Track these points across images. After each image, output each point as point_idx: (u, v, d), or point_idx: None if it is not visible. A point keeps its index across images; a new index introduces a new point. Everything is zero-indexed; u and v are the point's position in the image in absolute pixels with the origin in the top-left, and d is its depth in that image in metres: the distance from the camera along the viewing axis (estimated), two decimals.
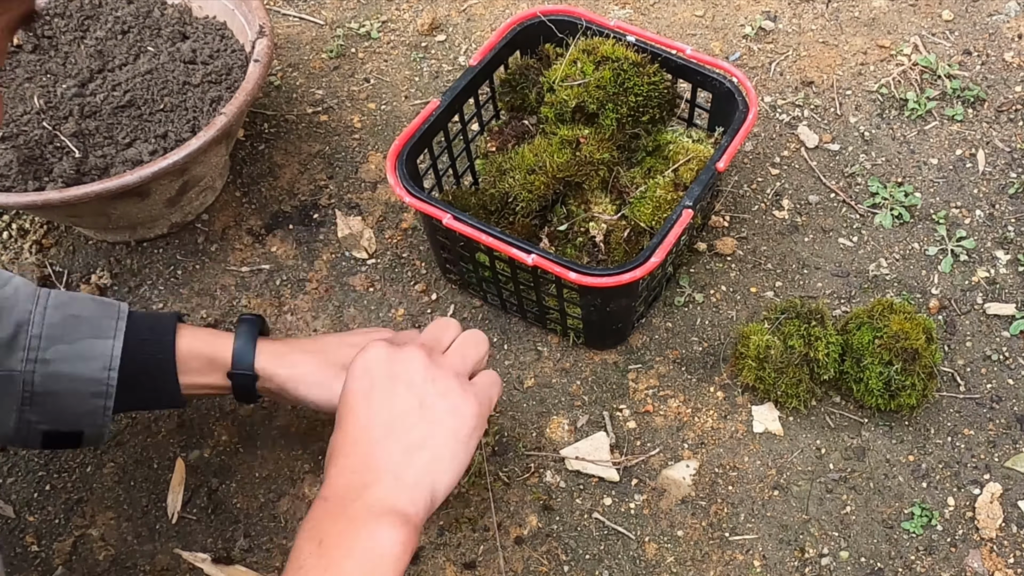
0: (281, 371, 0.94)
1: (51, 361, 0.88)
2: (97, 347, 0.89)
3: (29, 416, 0.89)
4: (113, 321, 0.91)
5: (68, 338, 0.89)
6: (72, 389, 0.89)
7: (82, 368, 0.89)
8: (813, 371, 1.07)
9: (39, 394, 0.89)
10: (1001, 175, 1.30)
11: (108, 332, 0.90)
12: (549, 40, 1.20)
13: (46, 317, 0.89)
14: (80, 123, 1.20)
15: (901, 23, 1.48)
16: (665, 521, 1.03)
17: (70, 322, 0.89)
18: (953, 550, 1.01)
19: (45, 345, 0.88)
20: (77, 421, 0.91)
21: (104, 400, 0.90)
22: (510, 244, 1.00)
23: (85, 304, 0.92)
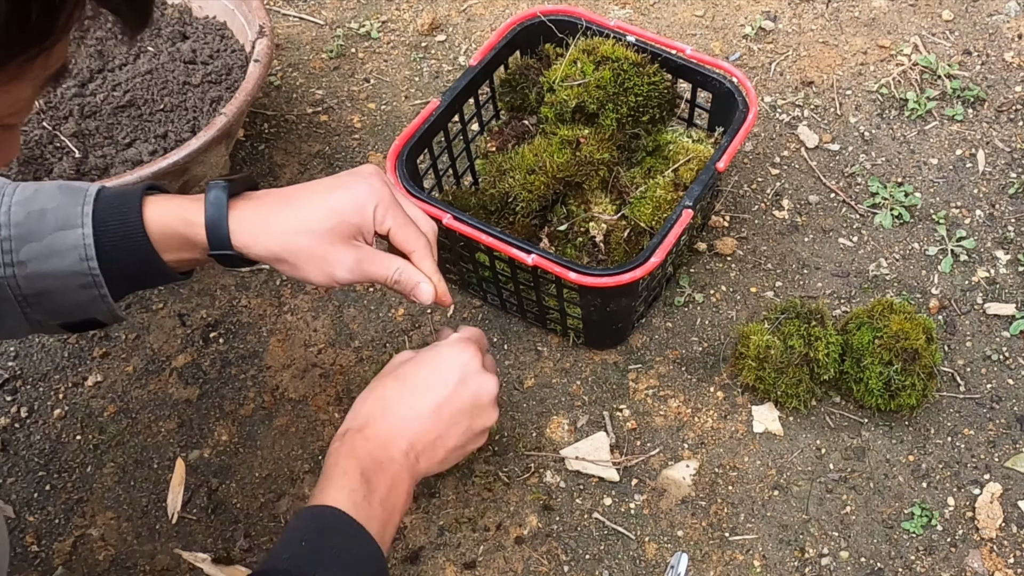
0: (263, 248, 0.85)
1: (27, 262, 0.83)
2: (67, 238, 0.83)
3: (35, 316, 0.85)
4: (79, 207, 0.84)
5: (36, 235, 0.83)
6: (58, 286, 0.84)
7: (58, 263, 0.83)
8: (813, 371, 1.07)
9: (30, 295, 0.84)
10: (1001, 175, 1.30)
11: (74, 221, 0.83)
12: (549, 40, 1.20)
13: (11, 216, 0.83)
14: (80, 123, 1.20)
15: (901, 23, 1.48)
16: (665, 521, 1.03)
17: (35, 217, 0.83)
18: (953, 550, 1.01)
19: (16, 247, 0.83)
20: (83, 310, 0.86)
21: (96, 289, 0.84)
22: (510, 244, 1.00)
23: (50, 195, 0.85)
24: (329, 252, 0.85)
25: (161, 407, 1.13)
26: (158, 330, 1.19)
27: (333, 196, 0.86)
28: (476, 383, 0.87)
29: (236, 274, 1.24)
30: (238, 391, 1.14)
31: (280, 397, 1.14)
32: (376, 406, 0.84)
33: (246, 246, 0.85)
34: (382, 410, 0.84)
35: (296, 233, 0.84)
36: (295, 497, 1.06)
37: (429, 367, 0.87)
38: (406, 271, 0.87)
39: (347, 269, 0.85)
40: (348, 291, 1.22)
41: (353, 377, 1.15)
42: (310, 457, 1.09)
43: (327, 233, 0.85)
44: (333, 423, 1.11)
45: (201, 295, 1.23)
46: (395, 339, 1.18)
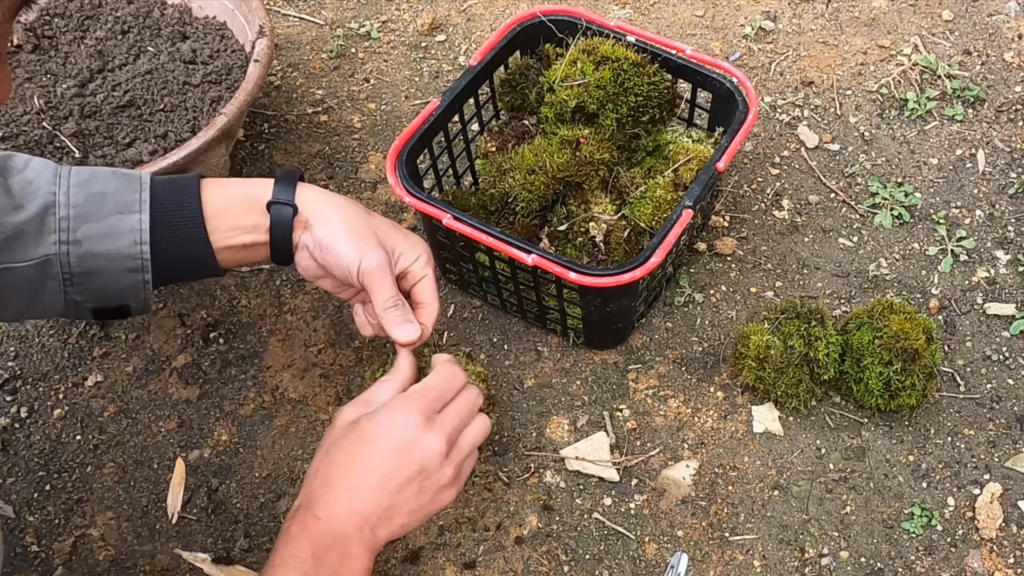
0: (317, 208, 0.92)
1: (83, 241, 0.87)
2: (125, 222, 0.88)
3: (74, 296, 0.89)
4: (136, 194, 0.89)
5: (95, 216, 0.87)
6: (109, 267, 0.88)
7: (113, 245, 0.88)
8: (813, 371, 1.07)
9: (78, 274, 0.88)
10: (1001, 175, 1.30)
11: (133, 206, 0.89)
12: (549, 40, 1.20)
13: (71, 197, 0.88)
14: (80, 123, 1.20)
15: (901, 23, 1.48)
16: (665, 521, 1.04)
17: (95, 199, 0.88)
18: (953, 550, 1.01)
19: (75, 226, 0.87)
20: (121, 296, 0.90)
21: (142, 274, 0.89)
22: (510, 244, 1.00)
23: (107, 179, 0.90)
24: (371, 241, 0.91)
25: (161, 407, 1.13)
26: (158, 330, 1.19)
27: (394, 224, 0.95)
28: (418, 449, 0.84)
29: (236, 274, 1.24)
30: (238, 391, 1.14)
31: (280, 397, 1.14)
32: (324, 483, 0.84)
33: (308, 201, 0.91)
34: (330, 488, 0.83)
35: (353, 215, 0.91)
36: (295, 497, 1.06)
37: (370, 440, 0.85)
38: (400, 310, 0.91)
39: (375, 260, 0.90)
40: None
41: (353, 377, 1.15)
42: (310, 457, 1.09)
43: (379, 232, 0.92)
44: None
45: (201, 295, 1.23)
46: None
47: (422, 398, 0.87)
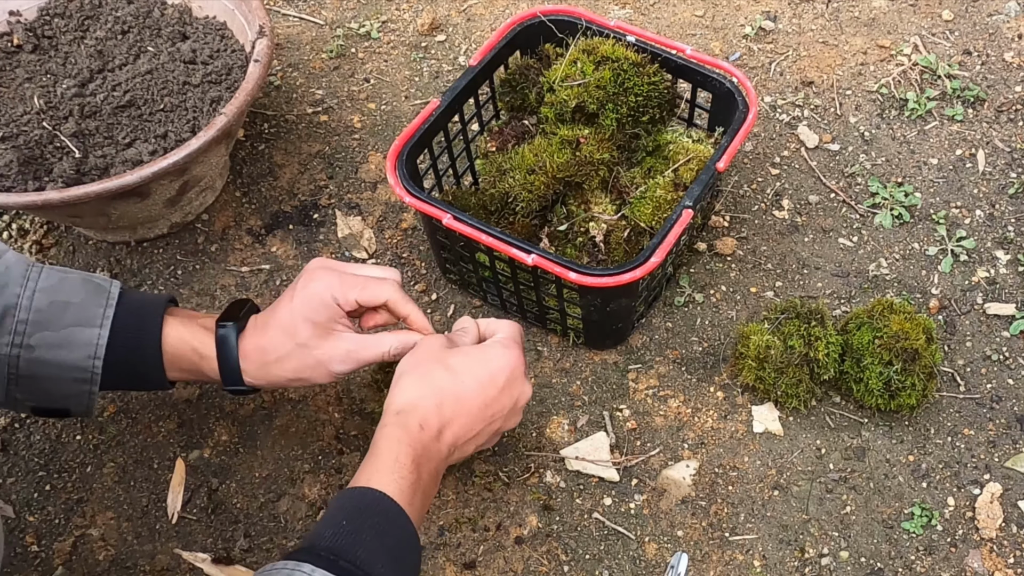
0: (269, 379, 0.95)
1: (35, 347, 0.87)
2: (83, 335, 0.88)
3: (16, 394, 0.90)
4: (101, 309, 0.89)
5: (54, 325, 0.88)
6: (56, 375, 0.89)
7: (66, 356, 0.88)
8: (813, 371, 1.07)
9: (24, 376, 0.88)
10: (1001, 175, 1.30)
11: (95, 320, 0.89)
12: (549, 40, 1.20)
13: (34, 302, 0.88)
14: (80, 123, 1.20)
15: (901, 23, 1.48)
16: (665, 521, 1.03)
17: (57, 308, 0.88)
18: (953, 550, 1.01)
19: (31, 331, 0.87)
20: (63, 401, 0.92)
21: (89, 385, 0.90)
22: (510, 244, 1.00)
23: (75, 288, 0.90)
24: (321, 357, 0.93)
25: (161, 407, 1.13)
26: None
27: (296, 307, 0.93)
28: (519, 388, 0.90)
29: (236, 274, 1.25)
30: None
31: (280, 397, 1.14)
32: (429, 395, 0.86)
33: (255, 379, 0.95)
34: (436, 401, 0.85)
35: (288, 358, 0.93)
36: (295, 497, 1.06)
37: (482, 365, 0.88)
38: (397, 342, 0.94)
39: (340, 361, 0.94)
40: None
41: (353, 377, 1.15)
42: (310, 457, 1.09)
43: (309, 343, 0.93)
44: (333, 423, 1.11)
45: (201, 295, 1.23)
46: None
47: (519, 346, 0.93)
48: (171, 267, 1.26)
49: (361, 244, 1.26)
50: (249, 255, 1.27)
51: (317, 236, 1.28)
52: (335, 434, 1.10)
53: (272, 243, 1.28)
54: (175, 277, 1.25)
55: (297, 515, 1.05)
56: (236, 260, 1.26)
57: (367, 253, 1.25)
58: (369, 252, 1.26)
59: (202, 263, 1.26)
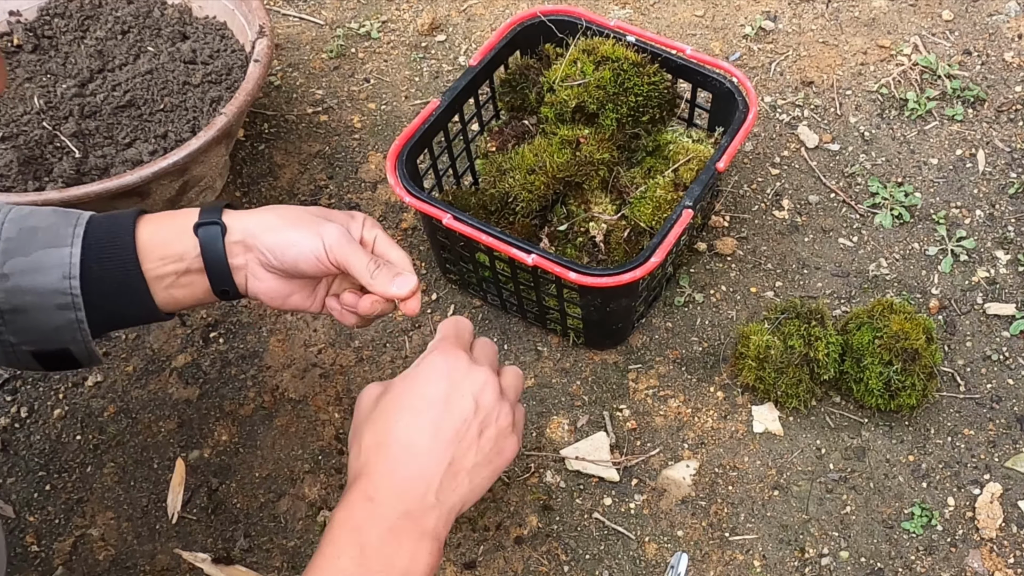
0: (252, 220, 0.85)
1: (9, 275, 0.83)
2: (53, 256, 0.83)
3: (7, 337, 0.85)
4: (71, 228, 0.84)
5: (24, 250, 0.83)
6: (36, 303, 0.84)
7: (41, 280, 0.83)
8: (813, 371, 1.07)
9: (6, 311, 0.84)
10: (1001, 175, 1.30)
11: (65, 240, 0.84)
12: (549, 40, 1.20)
13: (3, 232, 0.84)
14: (80, 123, 1.20)
15: (901, 23, 1.48)
16: (665, 521, 1.04)
17: (26, 234, 0.84)
18: (953, 550, 1.01)
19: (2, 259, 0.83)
20: (57, 337, 0.85)
21: (73, 312, 0.84)
22: (510, 244, 1.00)
23: (44, 215, 0.86)
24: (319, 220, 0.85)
25: (161, 407, 1.13)
26: (158, 330, 1.19)
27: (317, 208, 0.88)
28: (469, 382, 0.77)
29: None
30: (238, 391, 1.14)
31: (280, 397, 1.14)
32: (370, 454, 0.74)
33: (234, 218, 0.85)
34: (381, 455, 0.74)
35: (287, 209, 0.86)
36: (295, 497, 1.06)
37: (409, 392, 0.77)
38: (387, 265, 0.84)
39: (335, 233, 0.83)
40: None
41: (353, 377, 1.15)
42: (310, 457, 1.09)
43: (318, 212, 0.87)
44: (333, 423, 1.11)
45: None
46: (395, 339, 1.18)
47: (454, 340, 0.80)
48: None
49: None
50: None
51: None
52: (335, 434, 1.11)
53: None
54: None
55: (297, 515, 1.05)
56: None
57: None
58: None
59: None
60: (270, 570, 1.01)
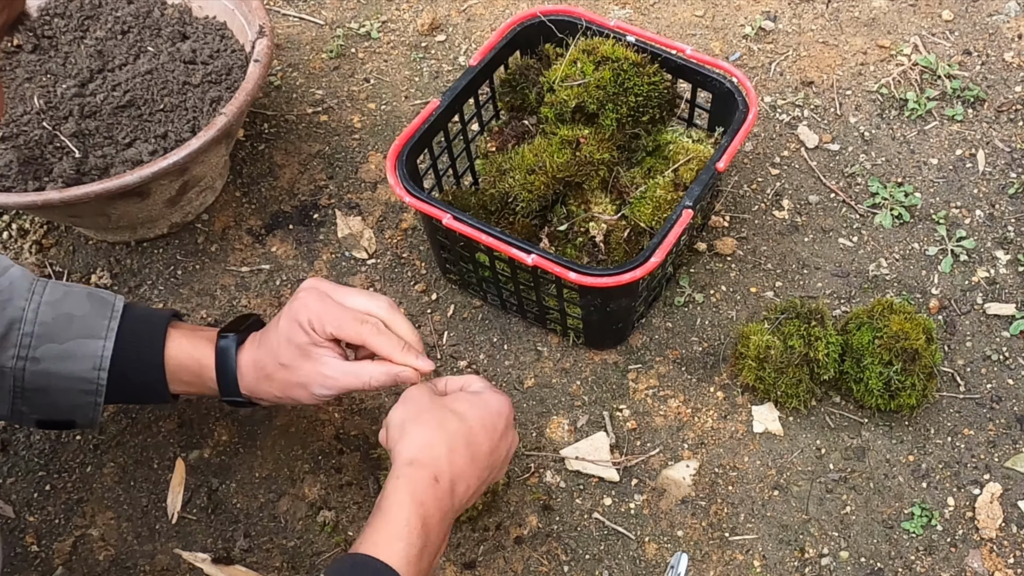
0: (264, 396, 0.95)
1: (41, 360, 0.88)
2: (88, 347, 0.89)
3: (21, 407, 0.90)
4: (106, 321, 0.90)
5: (59, 337, 0.88)
6: (62, 387, 0.89)
7: (71, 367, 0.89)
8: (813, 371, 1.07)
9: (29, 389, 0.89)
10: (1001, 175, 1.30)
11: (100, 332, 0.90)
12: (549, 40, 1.20)
13: (39, 315, 0.88)
14: (80, 123, 1.20)
15: (901, 23, 1.48)
16: (665, 521, 1.03)
17: (62, 321, 0.89)
18: (953, 550, 1.01)
19: (36, 344, 0.88)
20: (69, 412, 0.92)
21: (94, 397, 0.90)
22: (510, 244, 1.00)
23: (79, 301, 0.91)
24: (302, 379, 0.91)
25: (161, 407, 1.13)
26: None
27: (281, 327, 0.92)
28: (513, 434, 0.91)
29: (236, 274, 1.24)
30: None
31: None
32: (440, 442, 0.83)
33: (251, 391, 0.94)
34: (447, 448, 0.83)
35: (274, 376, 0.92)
36: (295, 497, 1.06)
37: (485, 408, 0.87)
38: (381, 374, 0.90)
39: (320, 386, 0.91)
40: None
41: None
42: (310, 457, 1.09)
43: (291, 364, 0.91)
44: (333, 423, 1.11)
45: (201, 295, 1.23)
46: None
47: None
48: (171, 267, 1.26)
49: (361, 244, 1.26)
50: (249, 255, 1.27)
51: (317, 236, 1.28)
52: (335, 434, 1.10)
53: (272, 243, 1.28)
54: (175, 277, 1.25)
55: (297, 515, 1.05)
56: (236, 260, 1.26)
57: (367, 253, 1.25)
58: (369, 252, 1.26)
59: (202, 263, 1.26)
60: (270, 570, 1.01)
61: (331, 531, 1.04)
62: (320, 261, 1.25)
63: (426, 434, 0.83)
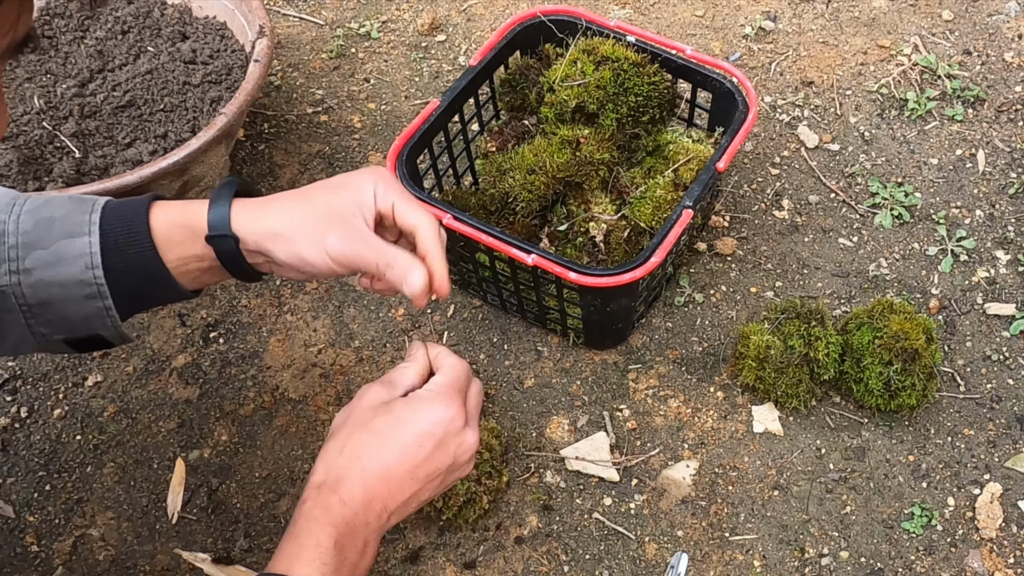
0: (261, 227, 0.84)
1: (32, 270, 0.82)
2: (74, 246, 0.82)
3: (39, 328, 0.84)
4: (87, 216, 0.83)
5: (43, 242, 0.82)
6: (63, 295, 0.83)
7: (64, 271, 0.82)
8: (813, 371, 1.07)
9: (34, 305, 0.83)
10: (1001, 175, 1.30)
11: (82, 229, 0.83)
12: (549, 40, 1.20)
13: (20, 224, 0.83)
14: (80, 123, 1.20)
15: (901, 23, 1.48)
16: (665, 521, 1.04)
17: (43, 225, 0.83)
18: (953, 550, 1.01)
19: (23, 254, 0.82)
20: (86, 324, 0.85)
21: (100, 300, 0.83)
22: (510, 244, 1.00)
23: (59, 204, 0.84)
24: (323, 223, 0.83)
25: (161, 407, 1.13)
26: (158, 330, 1.19)
27: (333, 181, 0.86)
28: (455, 443, 0.83)
29: None
30: (238, 391, 1.14)
31: (280, 397, 1.14)
32: (351, 464, 0.80)
33: (243, 226, 0.84)
34: (358, 470, 0.80)
35: (293, 209, 0.84)
36: (295, 497, 1.06)
37: (408, 427, 0.82)
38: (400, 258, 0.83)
39: (339, 239, 0.82)
40: (348, 291, 1.22)
41: (353, 377, 1.15)
42: (310, 457, 1.09)
43: (324, 207, 0.83)
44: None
45: (201, 295, 1.23)
46: (395, 339, 1.18)
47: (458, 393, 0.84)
48: None
49: None
50: None
51: None
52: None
53: None
54: None
55: None
56: None
57: None
58: None
59: None
60: None
61: None
62: None
63: (336, 455, 0.81)
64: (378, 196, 0.84)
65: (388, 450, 0.81)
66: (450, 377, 0.86)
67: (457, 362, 0.88)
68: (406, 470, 0.81)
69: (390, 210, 0.85)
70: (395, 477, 0.80)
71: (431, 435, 0.82)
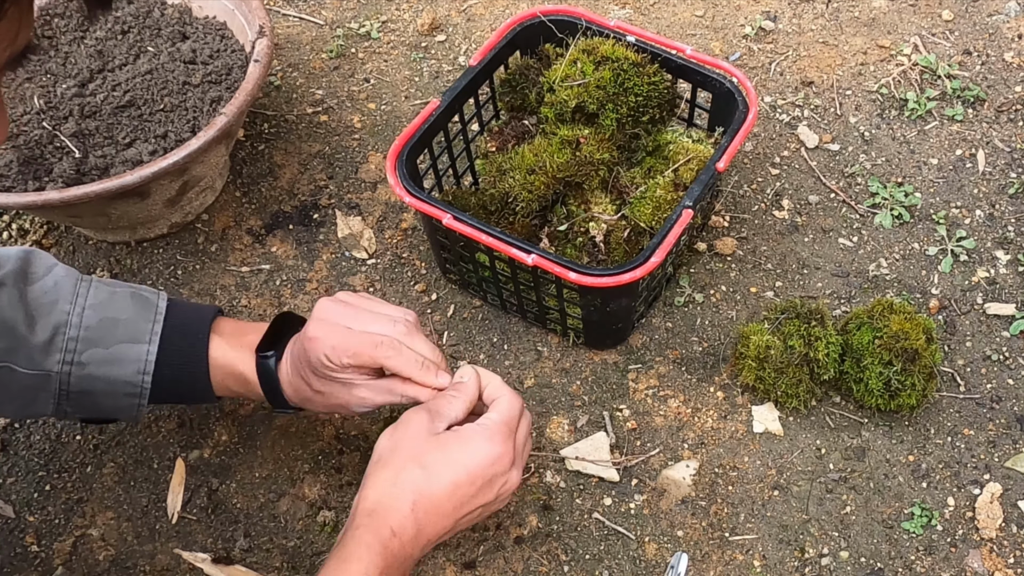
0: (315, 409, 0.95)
1: (86, 364, 0.89)
2: (132, 352, 0.90)
3: (66, 408, 0.91)
4: (149, 324, 0.91)
5: (104, 342, 0.89)
6: (106, 390, 0.90)
7: (116, 372, 0.90)
8: (813, 371, 1.07)
9: (75, 393, 0.90)
10: (1001, 175, 1.30)
11: (143, 336, 0.91)
12: (549, 40, 1.20)
13: (84, 319, 0.89)
14: (80, 123, 1.20)
15: (901, 23, 1.48)
16: (665, 521, 1.03)
17: (107, 325, 0.90)
18: (953, 550, 1.01)
19: (81, 348, 0.89)
20: (112, 412, 0.94)
21: (138, 399, 0.92)
22: (510, 244, 1.00)
23: (124, 303, 0.91)
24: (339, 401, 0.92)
25: (161, 407, 1.13)
26: None
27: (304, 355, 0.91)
28: (500, 482, 0.85)
29: (236, 274, 1.24)
30: None
31: None
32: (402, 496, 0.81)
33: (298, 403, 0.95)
34: (410, 504, 0.81)
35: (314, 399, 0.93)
36: (295, 497, 1.06)
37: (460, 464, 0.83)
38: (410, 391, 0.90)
39: (358, 405, 0.92)
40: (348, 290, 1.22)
41: None
42: (310, 457, 1.09)
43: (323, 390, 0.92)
44: (333, 423, 1.11)
45: (201, 295, 1.23)
46: None
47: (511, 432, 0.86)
48: (171, 267, 1.26)
49: (361, 244, 1.26)
50: (249, 255, 1.27)
51: (317, 236, 1.28)
52: (335, 434, 1.11)
53: (272, 243, 1.28)
54: (175, 277, 1.25)
55: (297, 515, 1.05)
56: (236, 260, 1.26)
57: (367, 253, 1.25)
58: (369, 252, 1.26)
59: (202, 263, 1.26)
60: (270, 570, 1.01)
61: (331, 531, 1.04)
62: (320, 261, 1.25)
63: (388, 485, 0.82)
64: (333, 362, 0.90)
65: (440, 487, 0.82)
66: (505, 416, 0.87)
67: (513, 399, 0.89)
68: (453, 506, 0.83)
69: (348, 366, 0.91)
70: (443, 512, 0.82)
71: (481, 475, 0.83)
